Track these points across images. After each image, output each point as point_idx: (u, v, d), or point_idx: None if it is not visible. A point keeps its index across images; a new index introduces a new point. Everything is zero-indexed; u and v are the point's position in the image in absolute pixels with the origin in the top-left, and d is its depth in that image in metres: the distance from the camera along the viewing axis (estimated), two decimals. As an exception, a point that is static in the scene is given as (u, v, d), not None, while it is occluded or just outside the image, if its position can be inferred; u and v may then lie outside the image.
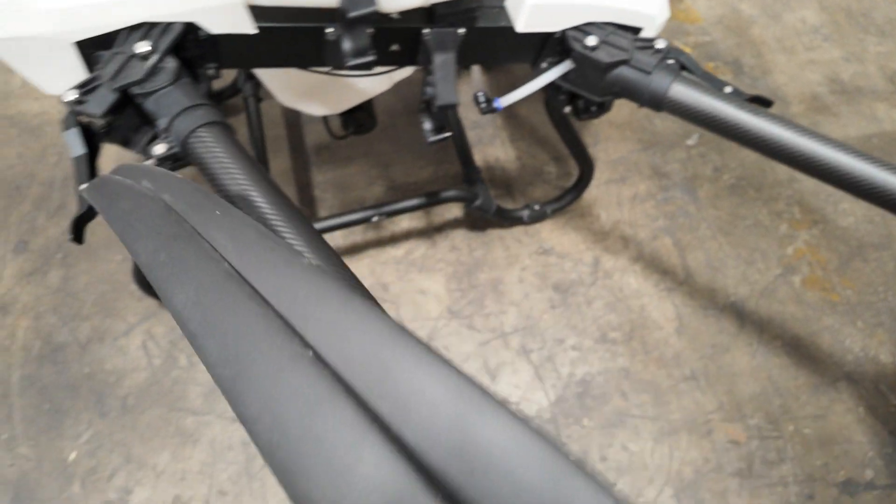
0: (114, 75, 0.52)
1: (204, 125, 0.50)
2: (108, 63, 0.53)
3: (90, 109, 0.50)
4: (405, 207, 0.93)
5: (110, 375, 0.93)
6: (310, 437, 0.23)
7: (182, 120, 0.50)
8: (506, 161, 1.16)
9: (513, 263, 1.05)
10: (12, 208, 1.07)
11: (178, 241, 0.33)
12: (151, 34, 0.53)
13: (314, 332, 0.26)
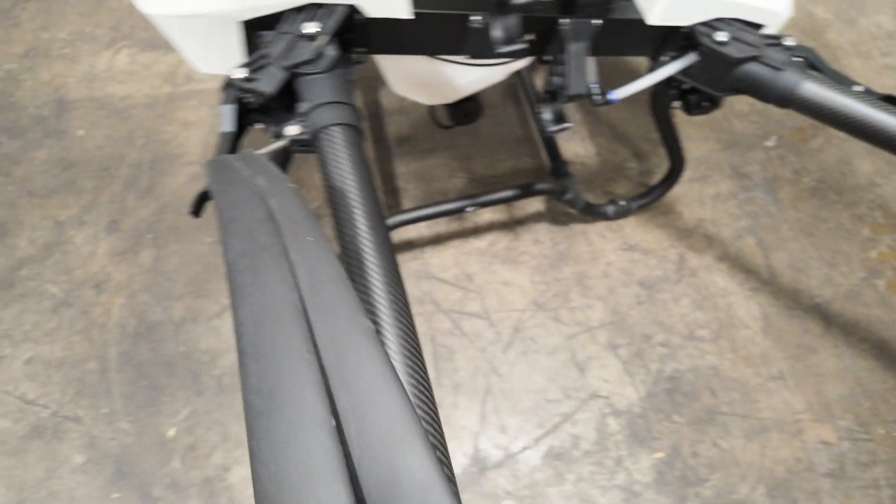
0: (283, 54, 0.53)
1: (340, 125, 0.51)
2: (274, 43, 0.54)
3: (261, 87, 0.52)
4: (499, 199, 0.94)
5: (205, 355, 0.95)
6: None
7: (323, 111, 0.51)
8: (586, 156, 1.17)
9: (597, 258, 1.05)
10: (102, 189, 1.09)
11: (265, 255, 0.35)
12: (317, 15, 0.55)
13: (344, 403, 0.28)
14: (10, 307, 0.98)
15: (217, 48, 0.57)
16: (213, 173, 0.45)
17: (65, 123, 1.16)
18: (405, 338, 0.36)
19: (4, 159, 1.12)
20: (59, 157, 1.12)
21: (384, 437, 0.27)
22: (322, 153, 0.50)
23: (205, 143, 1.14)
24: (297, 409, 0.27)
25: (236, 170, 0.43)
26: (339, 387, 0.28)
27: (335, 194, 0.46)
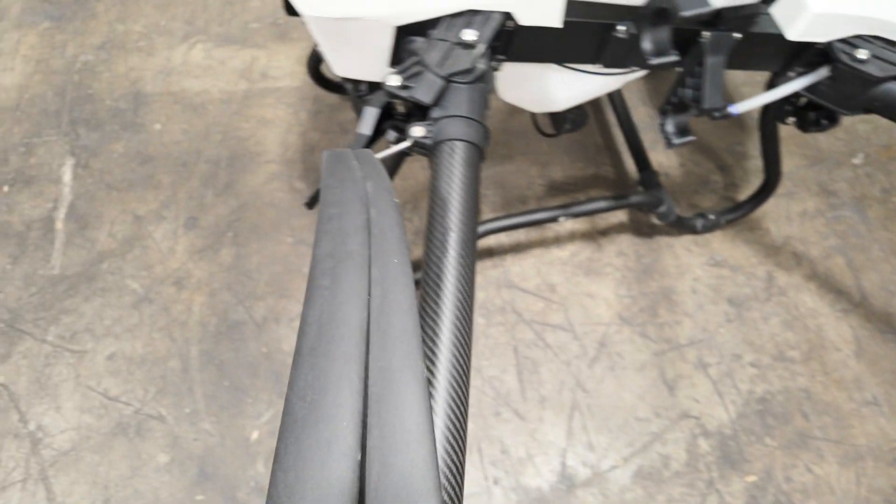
0: (439, 62, 0.51)
1: (465, 141, 0.49)
2: (428, 49, 0.52)
3: (419, 96, 0.50)
4: (592, 209, 0.92)
5: (287, 357, 0.93)
6: None
7: (453, 124, 0.49)
8: (669, 167, 1.14)
9: (684, 273, 1.03)
10: (181, 184, 1.09)
11: (350, 263, 0.35)
12: (474, 22, 0.53)
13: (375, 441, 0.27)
14: (91, 301, 0.97)
15: (364, 52, 0.56)
16: (330, 165, 0.44)
17: (141, 117, 1.16)
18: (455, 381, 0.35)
19: (83, 151, 1.12)
20: (137, 151, 1.12)
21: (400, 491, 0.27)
22: (437, 164, 0.49)
23: (283, 142, 1.13)
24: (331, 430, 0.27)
25: (351, 168, 0.43)
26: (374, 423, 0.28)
27: (437, 208, 0.45)
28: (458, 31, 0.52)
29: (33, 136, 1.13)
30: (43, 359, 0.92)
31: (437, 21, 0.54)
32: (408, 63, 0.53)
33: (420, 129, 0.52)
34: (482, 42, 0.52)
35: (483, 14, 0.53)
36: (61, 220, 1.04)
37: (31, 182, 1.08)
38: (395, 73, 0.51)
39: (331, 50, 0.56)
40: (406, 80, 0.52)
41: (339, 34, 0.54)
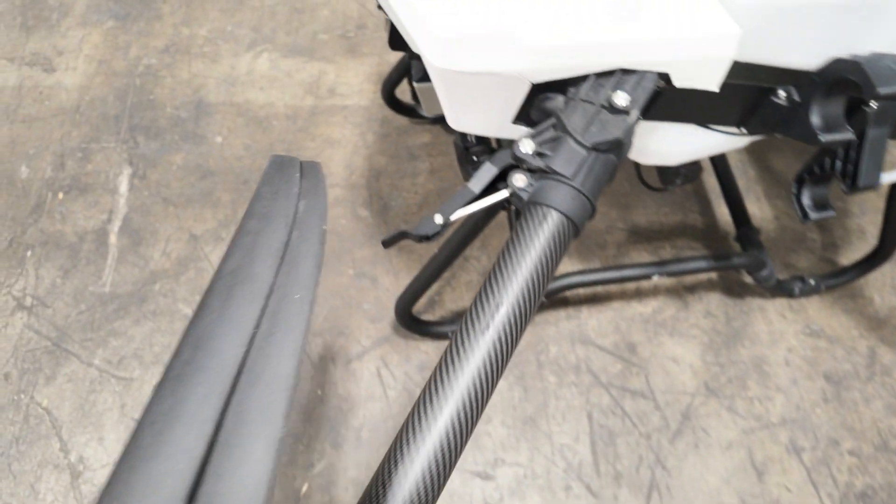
0: (583, 128, 0.44)
1: (565, 216, 0.41)
2: (570, 111, 0.45)
3: (558, 167, 0.43)
4: (689, 269, 0.85)
5: (343, 402, 0.88)
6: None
7: (559, 190, 0.42)
8: (761, 220, 1.05)
9: (777, 341, 0.94)
10: (240, 203, 1.04)
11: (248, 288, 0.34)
12: (625, 83, 0.46)
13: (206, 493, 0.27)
14: (141, 325, 0.93)
15: (489, 107, 0.49)
16: (270, 173, 0.42)
17: (203, 128, 1.11)
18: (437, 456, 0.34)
19: (141, 160, 1.07)
20: (197, 164, 1.07)
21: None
22: (522, 226, 0.42)
23: (348, 165, 1.08)
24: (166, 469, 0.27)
25: (290, 181, 0.41)
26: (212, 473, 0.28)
27: (500, 274, 0.39)
28: (608, 93, 0.45)
29: (91, 140, 1.09)
30: (88, 384, 0.88)
31: (580, 78, 0.47)
32: (544, 126, 0.46)
33: (523, 180, 0.45)
34: (635, 108, 0.45)
35: (637, 74, 0.46)
36: (115, 233, 1.00)
37: (87, 190, 1.04)
38: (528, 137, 0.45)
39: (452, 102, 0.50)
40: (541, 144, 0.45)
41: (467, 87, 0.47)
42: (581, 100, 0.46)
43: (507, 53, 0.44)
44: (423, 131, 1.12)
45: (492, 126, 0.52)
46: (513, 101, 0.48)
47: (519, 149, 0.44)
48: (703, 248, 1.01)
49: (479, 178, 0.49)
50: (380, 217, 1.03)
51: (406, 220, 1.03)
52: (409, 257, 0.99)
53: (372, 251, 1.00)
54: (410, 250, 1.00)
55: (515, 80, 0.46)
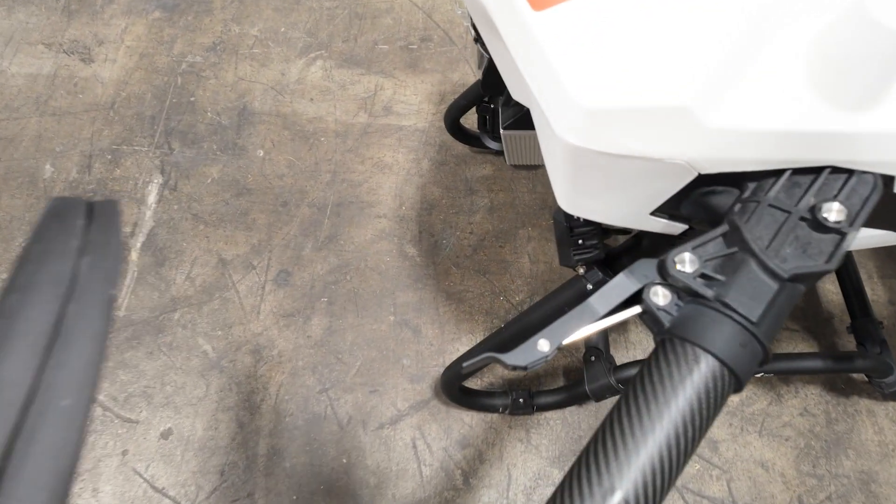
0: (775, 248, 0.32)
1: (724, 364, 0.29)
2: (750, 218, 0.33)
3: (735, 303, 0.30)
4: (799, 369, 0.71)
5: (371, 475, 0.76)
6: None
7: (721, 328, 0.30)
8: (873, 303, 0.91)
9: (889, 455, 0.80)
10: (277, 227, 0.94)
11: None
12: (833, 188, 0.33)
13: None
14: (154, 358, 0.83)
15: (625, 195, 0.37)
16: (47, 219, 0.32)
17: (244, 139, 1.02)
18: None
19: (174, 169, 0.98)
20: (234, 180, 0.98)
21: None
22: (659, 370, 0.30)
23: (399, 194, 0.97)
24: None
25: (71, 231, 0.31)
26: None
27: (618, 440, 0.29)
28: (810, 200, 0.33)
29: (123, 142, 1.01)
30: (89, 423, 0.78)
31: (765, 172, 0.34)
32: (710, 237, 0.33)
33: (666, 296, 0.33)
34: (853, 224, 0.32)
35: (853, 177, 0.33)
36: (137, 249, 0.91)
37: (113, 198, 0.95)
38: (689, 250, 0.32)
39: (575, 184, 0.38)
40: (705, 262, 0.32)
41: (603, 170, 0.35)
42: (769, 204, 0.33)
43: (678, 136, 0.32)
44: (485, 162, 1.01)
45: (620, 215, 0.40)
46: (663, 192, 0.36)
47: (674, 266, 0.32)
48: (802, 331, 0.87)
49: (606, 297, 0.35)
50: (429, 257, 0.92)
51: (457, 264, 0.91)
52: (458, 307, 0.88)
53: (417, 296, 0.89)
54: (461, 299, 0.89)
55: (679, 169, 0.34)
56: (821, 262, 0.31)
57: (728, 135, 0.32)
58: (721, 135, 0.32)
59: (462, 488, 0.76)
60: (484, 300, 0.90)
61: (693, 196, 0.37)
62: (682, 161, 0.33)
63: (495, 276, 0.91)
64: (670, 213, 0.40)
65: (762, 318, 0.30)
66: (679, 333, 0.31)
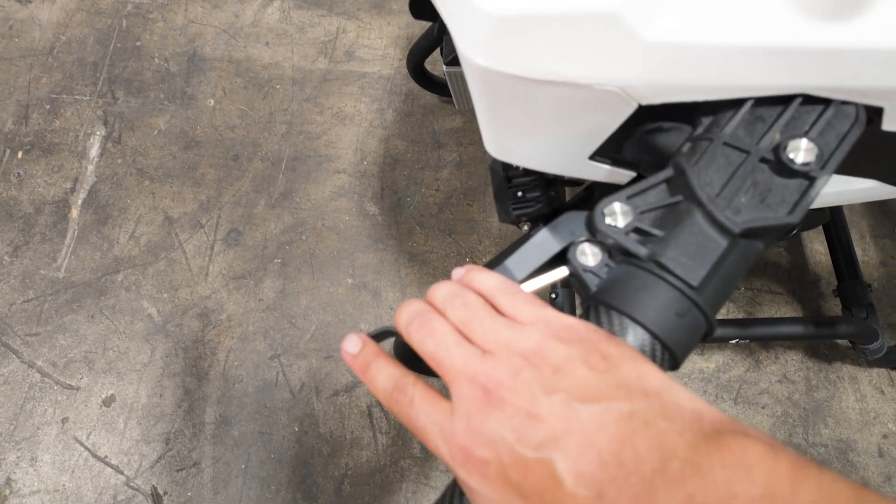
0: (729, 197, 0.27)
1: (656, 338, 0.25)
2: (701, 160, 0.28)
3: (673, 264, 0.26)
4: (779, 335, 0.68)
5: (324, 444, 0.74)
6: None
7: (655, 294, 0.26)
8: (864, 264, 0.87)
9: (869, 424, 0.77)
10: (228, 183, 0.89)
11: None
12: (805, 121, 0.28)
13: None
14: (96, 322, 0.80)
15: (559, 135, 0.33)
16: None
17: (194, 87, 0.96)
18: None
19: (118, 120, 0.93)
20: (182, 131, 0.92)
21: None
22: None
23: (360, 147, 0.92)
24: None
25: None
26: None
27: None
28: (775, 137, 0.28)
29: (63, 90, 0.95)
30: (27, 389, 0.76)
31: (721, 104, 0.29)
32: (650, 183, 0.29)
33: (595, 255, 0.29)
34: (824, 168, 0.27)
35: (830, 108, 0.28)
36: (78, 206, 0.87)
37: (51, 151, 0.91)
38: (622, 199, 0.28)
39: (496, 120, 0.33)
40: (642, 214, 0.28)
41: (524, 101, 0.31)
42: (724, 143, 0.28)
43: (611, 54, 0.28)
44: (454, 113, 0.95)
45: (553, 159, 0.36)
46: (598, 131, 0.32)
47: (603, 219, 0.28)
48: (786, 294, 0.84)
49: (525, 258, 0.30)
50: (391, 215, 0.88)
51: (422, 223, 0.87)
52: (421, 269, 0.84)
53: (377, 257, 0.85)
54: (424, 260, 0.85)
55: (614, 99, 0.29)
56: (782, 214, 0.26)
57: (673, 52, 0.27)
58: (664, 52, 0.27)
59: (420, 457, 0.74)
60: (449, 262, 0.86)
61: (636, 135, 0.32)
62: (616, 88, 0.28)
63: (462, 236, 0.87)
64: (613, 158, 0.36)
65: (705, 282, 0.26)
66: (604, 299, 0.27)
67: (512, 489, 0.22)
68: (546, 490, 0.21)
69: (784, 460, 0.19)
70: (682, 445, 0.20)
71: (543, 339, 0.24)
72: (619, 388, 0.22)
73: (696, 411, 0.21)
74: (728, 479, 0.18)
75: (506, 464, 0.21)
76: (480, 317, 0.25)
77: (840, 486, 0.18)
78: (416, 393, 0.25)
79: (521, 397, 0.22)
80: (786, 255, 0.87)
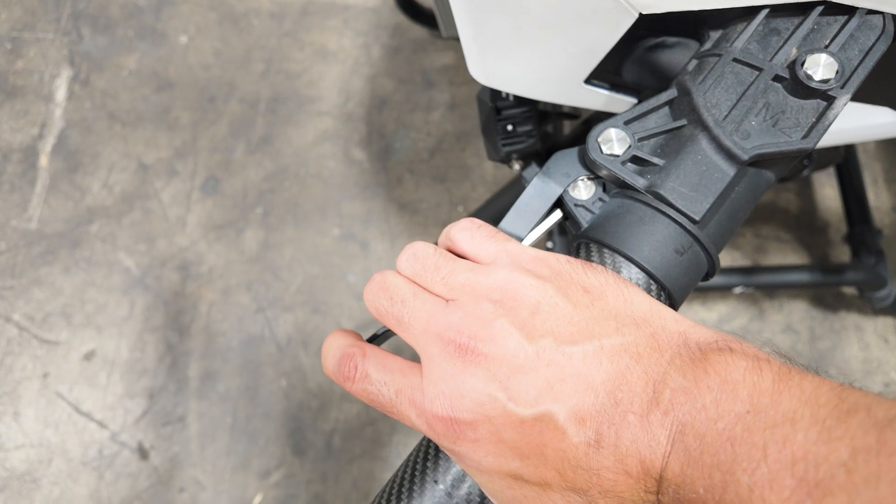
0: (737, 120, 0.26)
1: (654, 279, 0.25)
2: (707, 79, 0.27)
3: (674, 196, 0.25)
4: (784, 282, 0.70)
5: (313, 398, 0.77)
6: None
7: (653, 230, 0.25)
8: (875, 209, 0.88)
9: (872, 373, 0.80)
10: (204, 127, 0.89)
11: None
12: (826, 34, 0.27)
13: None
14: (71, 274, 0.81)
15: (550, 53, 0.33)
16: None
17: (165, 23, 0.94)
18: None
19: (85, 61, 0.92)
20: (153, 71, 0.91)
21: None
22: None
23: (344, 87, 0.91)
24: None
25: None
26: None
27: None
28: (791, 51, 0.27)
29: (24, 28, 0.93)
30: (5, 343, 0.78)
31: (729, 13, 0.28)
32: (651, 106, 0.28)
33: (589, 189, 0.28)
34: (845, 86, 0.26)
35: (853, 18, 0.27)
36: (47, 153, 0.87)
37: (15, 94, 0.90)
38: (619, 125, 0.27)
39: (478, 37, 0.33)
40: (642, 141, 0.27)
41: (510, 12, 0.30)
42: (734, 59, 0.27)
43: None
44: (446, 48, 0.94)
45: (546, 84, 0.36)
46: (595, 47, 0.31)
47: (597, 147, 0.27)
48: (794, 242, 0.85)
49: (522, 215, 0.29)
50: (379, 161, 0.87)
51: (412, 170, 0.87)
52: (411, 219, 0.85)
53: (365, 206, 0.85)
54: (414, 209, 0.85)
55: (611, 6, 0.29)
56: (796, 138, 0.26)
57: None
58: None
59: (409, 411, 0.77)
60: (440, 210, 0.86)
61: (637, 53, 0.32)
62: None
63: (454, 183, 0.87)
64: (611, 82, 0.35)
65: (708, 215, 0.25)
66: (595, 236, 0.26)
67: (507, 449, 0.21)
68: (547, 444, 0.20)
69: (767, 372, 0.19)
70: (673, 373, 0.20)
71: (512, 276, 0.23)
72: (608, 321, 0.21)
73: (682, 333, 0.21)
74: (715, 399, 0.19)
75: (498, 425, 0.20)
76: (434, 262, 0.24)
77: (821, 388, 0.18)
78: (369, 365, 0.22)
79: (501, 347, 0.21)
80: (795, 200, 0.88)
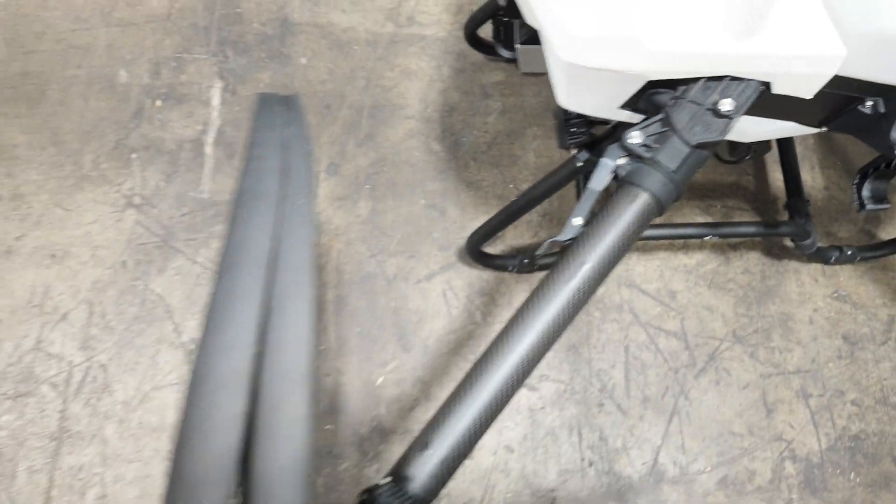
0: (688, 126, 0.64)
1: (654, 196, 0.61)
2: (677, 109, 0.64)
3: (663, 160, 0.63)
4: (739, 233, 1.07)
5: (413, 315, 1.13)
6: None
7: (653, 177, 0.63)
8: (812, 188, 1.26)
9: (805, 302, 1.17)
10: (324, 127, 1.25)
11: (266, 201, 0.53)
12: (731, 90, 0.65)
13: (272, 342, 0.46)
14: (237, 230, 1.17)
15: (601, 94, 0.70)
16: (259, 108, 0.60)
17: (288, 48, 1.31)
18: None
19: (231, 76, 1.28)
20: (283, 84, 1.28)
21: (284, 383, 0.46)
22: (614, 204, 0.62)
23: (424, 98, 1.28)
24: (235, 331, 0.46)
25: (275, 113, 0.58)
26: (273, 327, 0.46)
27: (591, 238, 0.59)
28: (715, 98, 0.63)
29: (184, 51, 1.30)
30: (194, 278, 1.14)
31: (690, 79, 0.66)
32: (652, 120, 0.65)
33: (623, 159, 0.66)
34: (737, 113, 0.64)
35: (743, 83, 0.65)
36: (210, 144, 1.23)
37: (182, 100, 1.26)
38: (639, 130, 0.64)
39: (568, 87, 0.70)
40: (647, 137, 0.65)
41: (586, 78, 0.67)
42: (689, 100, 0.65)
43: (633, 55, 0.64)
44: (497, 69, 1.31)
45: (599, 109, 0.73)
46: (625, 92, 0.69)
47: (629, 140, 0.65)
48: (751, 210, 1.22)
49: (599, 177, 0.68)
50: (451, 152, 1.24)
51: (475, 158, 1.24)
52: (476, 194, 1.22)
53: (442, 185, 1.22)
54: (478, 187, 1.22)
55: (634, 77, 0.66)
56: (715, 135, 0.63)
57: (665, 55, 0.64)
58: (661, 55, 0.64)
59: (480, 323, 1.14)
60: (496, 188, 1.23)
61: (646, 95, 0.69)
62: (636, 71, 0.65)
63: (506, 168, 1.24)
64: (632, 107, 0.73)
65: (678, 168, 0.62)
66: (628, 179, 0.64)
67: None
68: None
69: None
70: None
71: None
72: None
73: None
74: None
75: None
76: None
77: None
78: None
79: None
80: (752, 181, 1.26)
